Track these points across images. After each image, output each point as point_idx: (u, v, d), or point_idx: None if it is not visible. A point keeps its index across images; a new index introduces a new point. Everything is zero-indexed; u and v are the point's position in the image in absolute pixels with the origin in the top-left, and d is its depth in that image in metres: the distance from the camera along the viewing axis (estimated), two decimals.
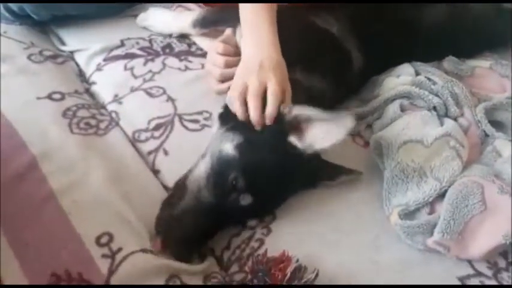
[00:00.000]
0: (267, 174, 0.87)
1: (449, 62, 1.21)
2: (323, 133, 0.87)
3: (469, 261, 0.86)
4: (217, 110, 1.01)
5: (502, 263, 0.86)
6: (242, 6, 1.01)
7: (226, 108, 0.97)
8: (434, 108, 1.06)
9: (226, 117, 0.96)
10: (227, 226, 0.90)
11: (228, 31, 1.14)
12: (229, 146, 0.88)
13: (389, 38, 1.14)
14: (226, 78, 1.06)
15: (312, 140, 0.88)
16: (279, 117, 0.88)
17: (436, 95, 1.07)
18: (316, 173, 0.95)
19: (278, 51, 0.95)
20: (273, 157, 0.88)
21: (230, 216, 0.88)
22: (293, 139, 0.88)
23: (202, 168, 0.89)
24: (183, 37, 1.31)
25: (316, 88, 1.01)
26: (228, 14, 1.17)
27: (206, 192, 0.87)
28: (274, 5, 0.99)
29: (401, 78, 1.11)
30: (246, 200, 0.86)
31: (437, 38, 1.22)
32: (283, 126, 0.89)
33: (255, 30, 0.97)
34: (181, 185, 0.90)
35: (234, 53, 1.09)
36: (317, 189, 0.96)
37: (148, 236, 0.86)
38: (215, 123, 0.99)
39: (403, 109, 1.05)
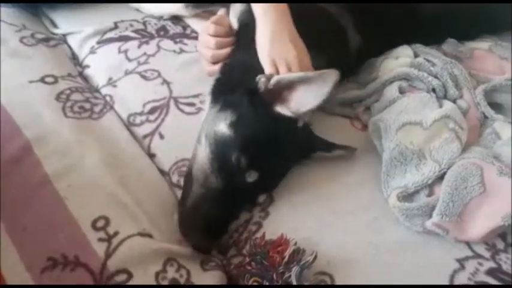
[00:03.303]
0: (265, 146, 0.87)
1: (448, 44, 1.20)
2: (307, 94, 0.86)
3: (468, 243, 0.85)
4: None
5: (500, 245, 0.86)
6: None
7: (217, 82, 0.98)
8: (434, 90, 1.05)
9: (217, 92, 0.96)
10: (241, 208, 0.90)
11: (221, 12, 1.13)
12: (223, 126, 0.88)
13: (388, 20, 1.13)
14: (218, 60, 1.05)
15: (298, 104, 0.87)
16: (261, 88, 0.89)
17: (435, 77, 1.06)
18: (312, 144, 0.96)
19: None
20: (266, 129, 0.88)
21: (241, 196, 0.87)
22: (280, 108, 0.88)
23: (203, 154, 0.88)
24: (177, 19, 1.29)
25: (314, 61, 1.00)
26: None
27: (213, 177, 0.86)
28: None
29: (400, 60, 1.10)
30: (252, 176, 0.85)
31: (437, 21, 1.21)
32: (267, 96, 0.89)
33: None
34: (188, 176, 0.89)
35: (226, 34, 1.08)
36: (315, 172, 0.96)
37: (147, 219, 0.86)
38: (207, 101, 0.98)
39: (401, 91, 1.03)
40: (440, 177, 0.88)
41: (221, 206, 0.85)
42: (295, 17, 0.95)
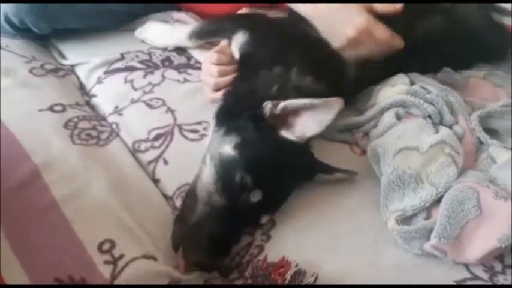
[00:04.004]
0: (270, 167, 0.90)
1: (443, 73, 1.23)
2: (311, 120, 0.90)
3: (466, 265, 0.86)
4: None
5: (498, 267, 0.87)
6: None
7: (221, 108, 1.01)
8: (430, 116, 1.07)
9: (222, 117, 0.99)
10: (245, 227, 0.92)
11: (224, 42, 1.17)
12: (228, 148, 0.91)
13: None
14: (220, 87, 1.09)
15: (303, 129, 0.91)
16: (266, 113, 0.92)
17: (431, 104, 1.08)
18: (313, 167, 0.98)
19: None
20: (271, 150, 0.91)
21: (244, 216, 0.89)
22: (284, 132, 0.92)
23: (208, 174, 0.91)
24: (182, 50, 1.33)
25: (311, 91, 1.03)
26: (224, 25, 1.20)
27: (217, 196, 0.88)
28: None
29: (397, 87, 1.13)
30: (256, 196, 0.87)
31: (431, 51, 1.24)
32: (271, 121, 0.92)
33: None
34: (191, 195, 0.92)
35: (228, 63, 1.12)
36: (316, 196, 0.98)
37: (151, 242, 0.87)
38: (210, 126, 1.01)
39: (398, 117, 1.06)
40: (438, 201, 0.90)
41: (225, 225, 0.87)
42: (294, 46, 0.98)
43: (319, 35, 1.12)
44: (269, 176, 0.90)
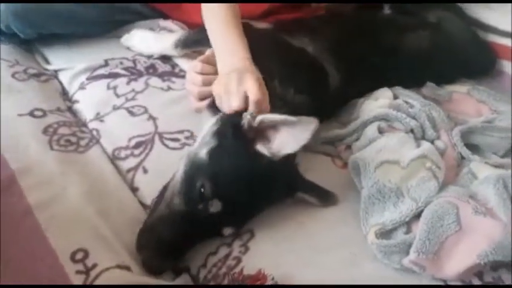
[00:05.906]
0: (235, 180, 0.88)
1: (427, 87, 1.24)
2: (289, 137, 0.88)
3: (444, 281, 0.86)
4: (199, 129, 1.02)
5: (476, 283, 0.86)
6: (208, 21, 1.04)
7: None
8: (412, 130, 1.08)
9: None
10: (203, 237, 0.90)
11: (209, 51, 1.17)
12: (204, 151, 0.90)
13: (368, 62, 1.17)
14: (204, 96, 1.08)
15: (279, 146, 0.89)
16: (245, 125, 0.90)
17: (414, 118, 1.09)
18: (294, 184, 0.96)
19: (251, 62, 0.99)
20: (241, 164, 0.89)
21: (202, 225, 0.87)
22: (260, 146, 0.90)
23: (179, 173, 0.90)
24: (166, 58, 1.32)
25: (294, 101, 1.03)
26: None
27: (178, 199, 0.87)
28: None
29: (380, 101, 1.13)
30: (215, 206, 0.85)
31: (416, 65, 1.25)
32: (250, 133, 0.90)
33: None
34: (161, 192, 0.91)
35: (213, 72, 1.11)
36: (296, 208, 0.97)
37: (126, 252, 0.86)
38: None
39: (381, 131, 1.06)
40: (418, 215, 0.90)
41: (179, 230, 0.85)
42: (278, 57, 0.98)
43: (304, 46, 1.13)
44: (234, 188, 0.87)
